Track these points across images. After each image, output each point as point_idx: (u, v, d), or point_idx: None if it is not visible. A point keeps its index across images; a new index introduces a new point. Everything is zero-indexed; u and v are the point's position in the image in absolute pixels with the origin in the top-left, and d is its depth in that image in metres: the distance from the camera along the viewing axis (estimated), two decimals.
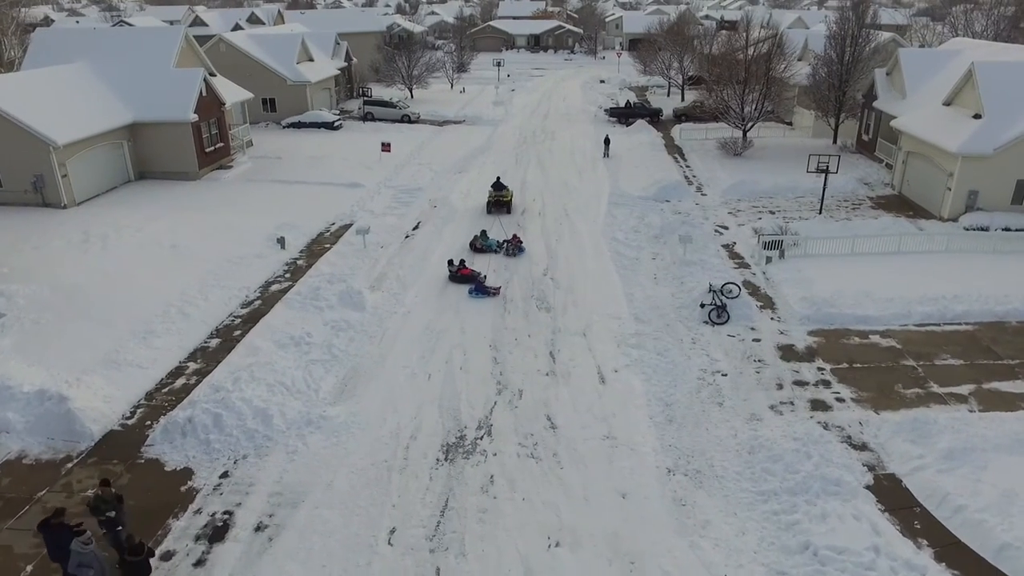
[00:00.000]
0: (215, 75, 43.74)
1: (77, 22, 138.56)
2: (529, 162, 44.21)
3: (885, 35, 50.18)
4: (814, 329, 22.62)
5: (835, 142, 46.05)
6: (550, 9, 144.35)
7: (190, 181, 38.41)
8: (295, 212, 33.25)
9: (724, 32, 73.65)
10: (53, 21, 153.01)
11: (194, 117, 37.52)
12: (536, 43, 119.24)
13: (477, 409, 18.47)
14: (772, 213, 33.95)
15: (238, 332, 22.54)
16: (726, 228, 32.10)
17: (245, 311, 24.00)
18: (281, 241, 29.02)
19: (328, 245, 29.84)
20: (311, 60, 57.09)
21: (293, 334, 21.94)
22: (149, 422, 17.97)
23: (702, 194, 37.51)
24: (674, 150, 47.52)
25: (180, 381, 19.86)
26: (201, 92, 38.45)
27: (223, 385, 18.73)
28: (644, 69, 78.10)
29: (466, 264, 26.78)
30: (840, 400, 18.88)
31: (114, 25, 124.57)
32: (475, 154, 46.37)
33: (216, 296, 24.58)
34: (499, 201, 34.39)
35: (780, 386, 19.57)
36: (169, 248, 28.36)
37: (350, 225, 32.16)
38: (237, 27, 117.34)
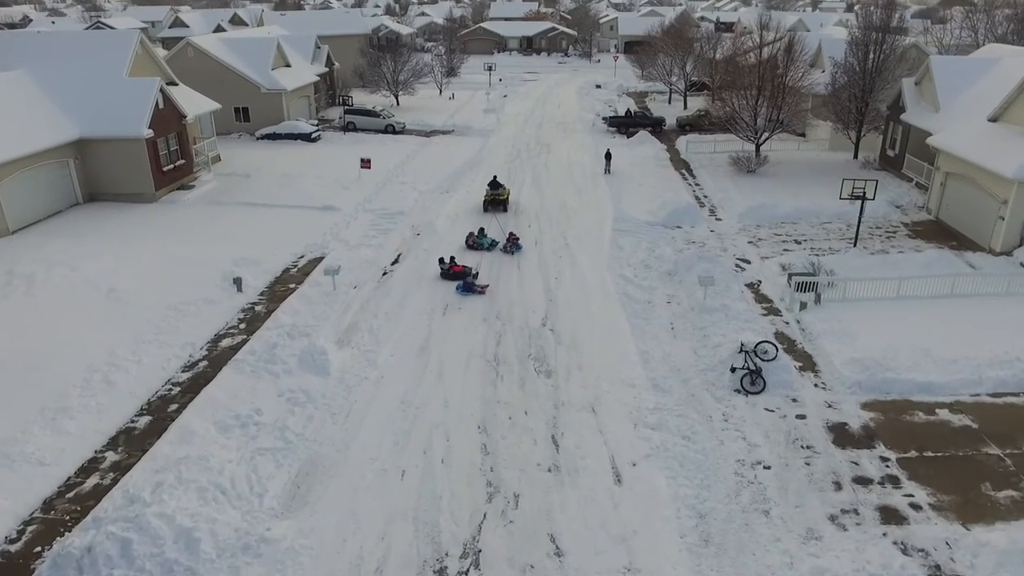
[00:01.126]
0: (176, 84, 39.70)
1: (53, 22, 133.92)
2: (523, 179, 40.33)
3: (904, 40, 46.57)
4: (868, 401, 18.82)
5: (856, 157, 42.38)
6: (543, 10, 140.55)
7: (146, 204, 34.38)
8: (259, 243, 29.31)
9: (728, 34, 70.06)
10: (31, 21, 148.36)
11: (149, 133, 33.48)
12: (529, 45, 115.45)
13: (462, 525, 14.58)
14: (798, 243, 30.18)
15: (174, 406, 18.58)
16: (748, 262, 28.30)
17: (186, 376, 20.03)
18: (238, 282, 25.04)
19: (293, 285, 25.87)
20: (288, 66, 53.07)
21: (239, 412, 18.01)
22: (40, 547, 14.00)
23: (716, 218, 33.71)
24: (681, 165, 43.73)
25: (91, 481, 15.88)
26: (157, 104, 34.40)
27: (140, 494, 14.76)
28: (643, 74, 74.45)
29: (457, 261, 26.89)
30: (916, 507, 15.08)
31: (90, 27, 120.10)
32: (464, 170, 42.46)
33: (153, 357, 20.59)
34: (496, 199, 34.36)
35: (838, 485, 15.76)
36: (105, 293, 24.33)
37: (321, 259, 28.22)
38: (219, 29, 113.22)
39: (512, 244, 29.28)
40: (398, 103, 63.08)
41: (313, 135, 48.28)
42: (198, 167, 39.30)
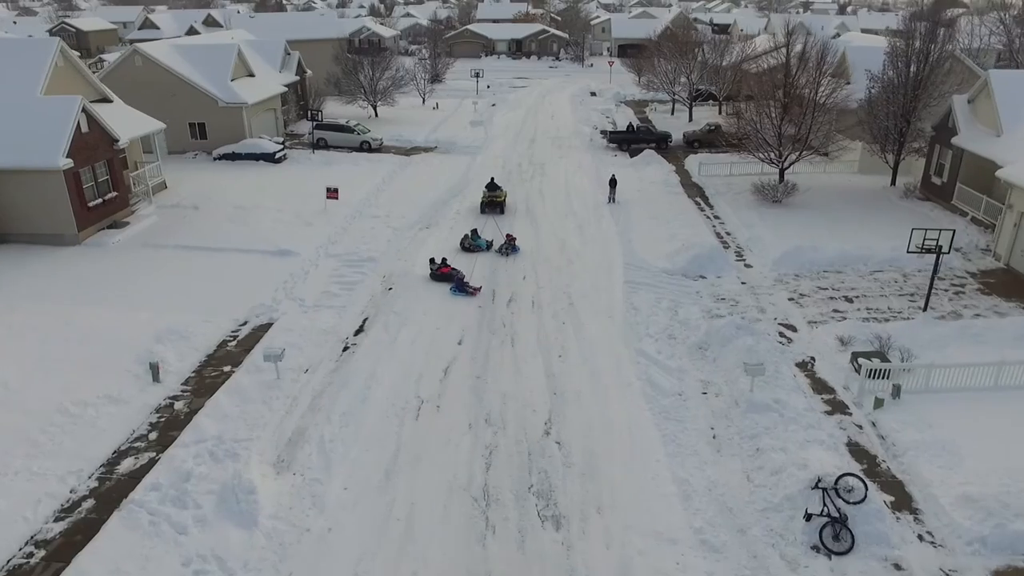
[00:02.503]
0: (110, 101, 34.06)
1: (15, 22, 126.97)
2: (515, 210, 34.97)
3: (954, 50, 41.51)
4: (1002, 569, 13.64)
5: (893, 184, 37.33)
6: (532, 11, 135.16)
7: (67, 247, 28.78)
8: (193, 304, 23.83)
9: (724, 37, 65.01)
10: None
11: (67, 163, 27.88)
12: (518, 49, 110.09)
13: None
14: (849, 301, 25.00)
15: None
16: (793, 329, 23.07)
17: (59, 529, 14.54)
18: (154, 369, 19.54)
19: (228, 369, 20.39)
20: (251, 75, 47.43)
21: None
22: None
23: (746, 264, 28.49)
24: (694, 191, 38.50)
25: None
26: (79, 128, 28.80)
27: None
28: (641, 81, 69.23)
29: (448, 262, 26.82)
30: None
31: (54, 28, 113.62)
32: (447, 198, 37.01)
33: (16, 496, 15.09)
34: (492, 202, 34.20)
35: None
36: None
37: (268, 326, 22.77)
38: (192, 31, 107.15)
39: (509, 246, 29.12)
40: (376, 114, 57.57)
41: (277, 155, 42.71)
42: (136, 199, 33.71)
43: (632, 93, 73.61)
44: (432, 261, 26.88)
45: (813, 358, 21.20)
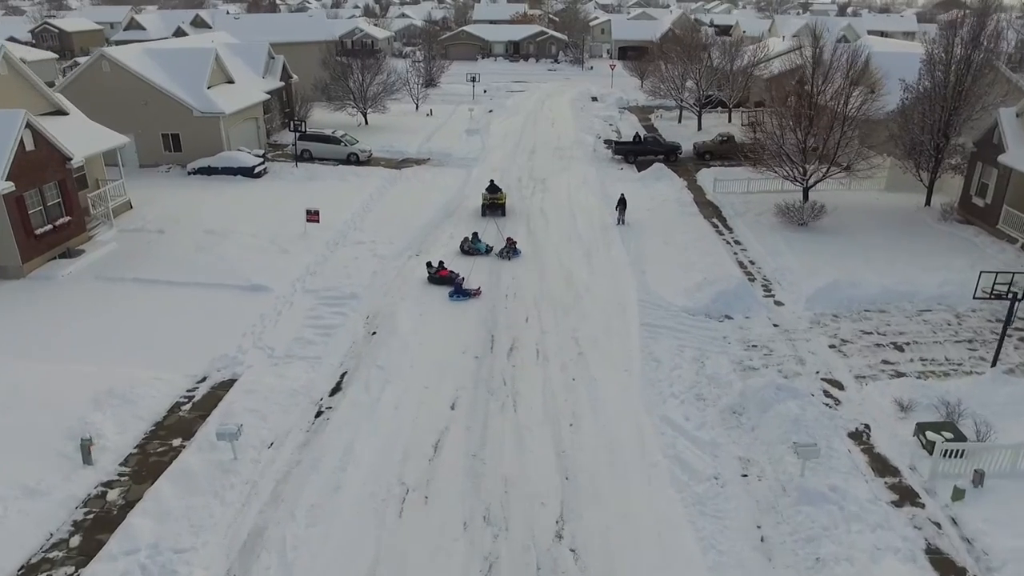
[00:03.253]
0: (65, 113, 30.76)
1: None
2: (516, 233, 31.72)
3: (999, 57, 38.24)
4: None
5: (928, 204, 34.21)
6: (530, 12, 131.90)
7: (10, 281, 25.48)
8: (145, 353, 20.61)
9: (739, 41, 61.78)
10: None
11: (7, 186, 24.57)
12: (516, 51, 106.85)
13: None
14: (900, 349, 21.84)
15: None
16: (839, 387, 19.90)
17: None
18: (85, 448, 16.27)
19: (178, 443, 17.14)
20: (230, 82, 44.10)
21: None
22: None
23: (776, 302, 25.31)
24: (710, 211, 35.31)
25: None
26: (23, 146, 25.50)
27: None
28: (643, 85, 66.15)
29: (445, 265, 26.42)
30: None
31: (37, 28, 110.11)
32: (440, 219, 33.76)
33: None
34: (494, 204, 33.84)
35: None
36: None
37: (231, 384, 19.52)
38: (180, 32, 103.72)
39: (510, 249, 28.86)
40: (367, 122, 54.29)
41: (256, 169, 39.40)
42: (95, 222, 30.40)
43: (635, 98, 70.50)
44: (429, 265, 26.57)
45: (868, 426, 18.03)
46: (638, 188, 38.68)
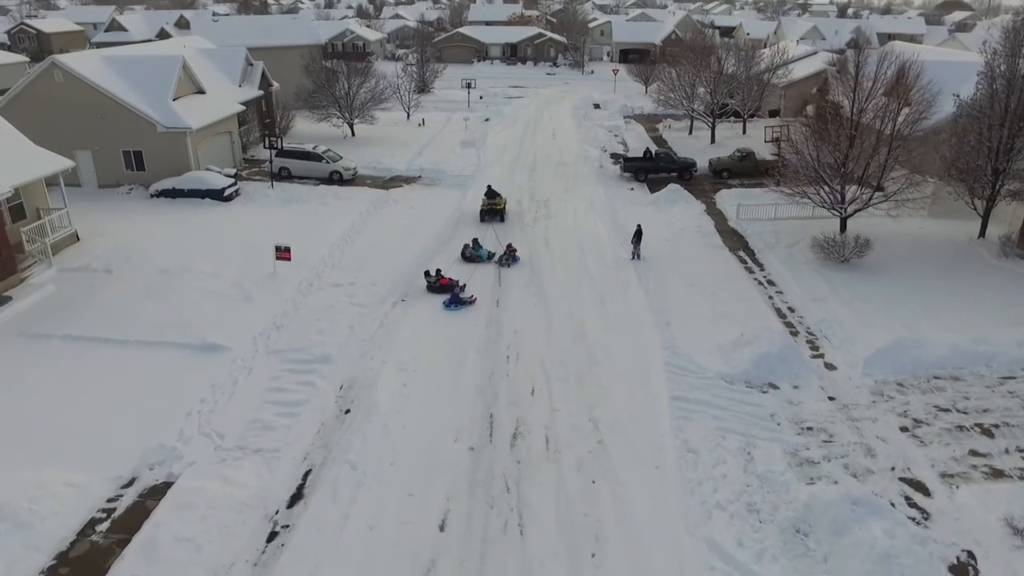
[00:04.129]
0: None
1: None
2: (515, 275, 27.77)
3: None
4: None
5: (983, 235, 30.34)
6: (527, 13, 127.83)
7: None
8: (61, 443, 16.65)
9: (756, 44, 57.85)
10: None
11: None
12: (513, 54, 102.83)
13: None
14: (989, 435, 17.90)
15: None
16: (924, 491, 15.94)
17: None
18: None
19: None
20: (200, 92, 40.01)
21: None
22: None
23: (826, 363, 21.36)
24: (735, 242, 31.37)
25: None
26: None
27: None
28: (649, 91, 62.30)
29: (444, 273, 25.85)
30: None
31: (13, 30, 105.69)
32: (432, 251, 29.71)
33: None
34: (492, 209, 33.20)
35: None
36: None
37: (165, 489, 15.51)
38: (164, 34, 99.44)
39: (509, 256, 28.37)
40: (353, 133, 50.25)
41: (227, 191, 35.34)
42: (31, 260, 26.33)
43: (640, 105, 66.60)
44: (427, 273, 25.98)
45: (972, 556, 14.11)
46: (652, 213, 34.75)
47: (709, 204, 36.56)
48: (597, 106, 68.71)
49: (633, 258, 28.96)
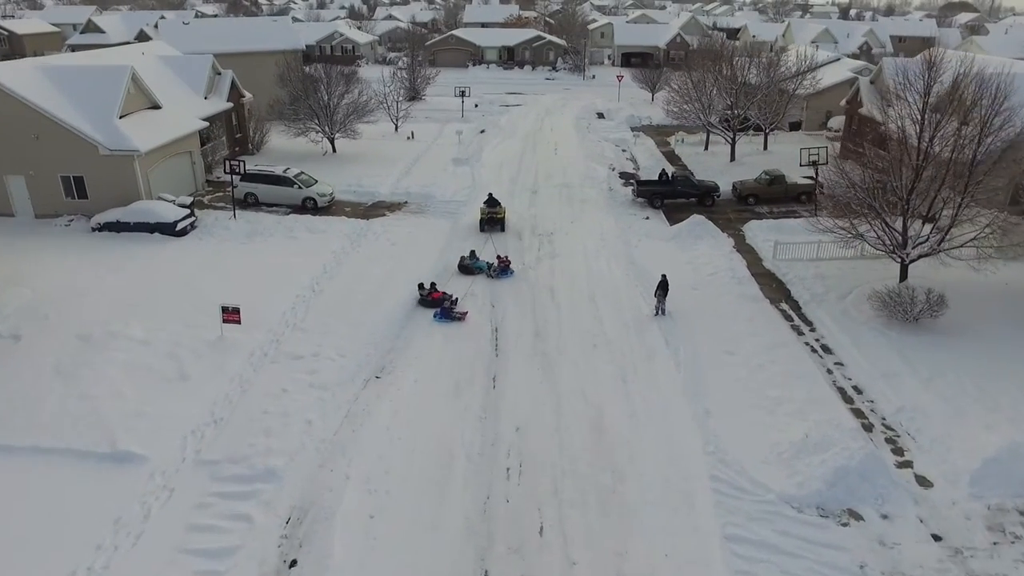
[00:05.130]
0: None
1: None
2: (513, 336, 22.94)
3: None
4: None
5: None
6: (524, 14, 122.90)
7: None
8: None
9: (780, 50, 52.93)
10: None
11: None
12: (510, 57, 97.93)
13: None
14: None
15: None
16: None
17: None
18: None
19: None
20: (155, 107, 35.12)
21: None
22: None
23: (919, 477, 16.54)
24: (775, 290, 26.54)
25: None
26: None
27: None
28: (656, 99, 57.55)
29: (438, 287, 24.83)
30: None
31: None
32: (413, 307, 24.86)
33: None
34: (492, 218, 32.07)
35: None
36: None
37: None
38: (143, 36, 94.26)
39: (502, 268, 27.46)
40: (334, 149, 45.34)
41: (180, 224, 30.44)
42: None
43: (648, 115, 61.83)
44: (421, 286, 24.96)
45: None
46: (673, 250, 29.99)
47: (737, 238, 31.76)
48: (601, 115, 63.90)
49: (657, 314, 24.17)
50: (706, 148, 48.49)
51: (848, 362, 21.38)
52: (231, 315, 21.45)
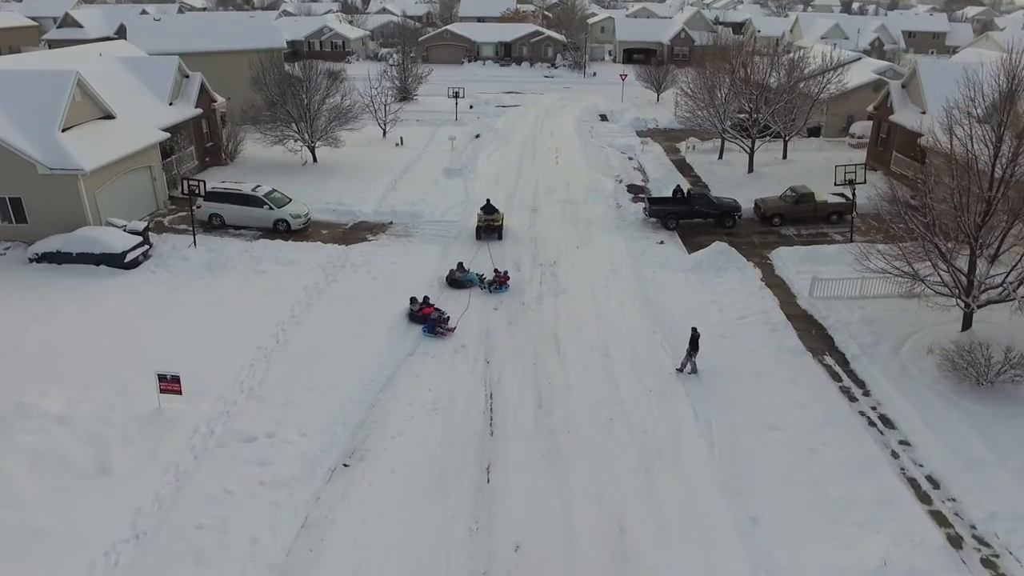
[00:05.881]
0: None
1: None
2: (512, 406, 19.19)
3: None
4: None
5: None
6: (521, 8, 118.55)
7: None
8: None
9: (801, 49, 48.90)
10: None
11: None
12: (507, 53, 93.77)
13: None
14: None
15: None
16: None
17: None
18: None
19: None
20: (107, 117, 31.22)
21: None
22: None
23: None
24: (816, 338, 22.76)
25: None
26: None
27: None
28: (661, 99, 53.69)
29: (431, 302, 23.36)
30: None
31: None
32: (401, 360, 21.08)
33: None
34: (490, 226, 30.46)
35: None
36: None
37: None
38: (123, 31, 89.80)
39: (499, 284, 25.64)
40: (315, 159, 41.42)
41: (129, 255, 26.58)
42: None
43: (654, 118, 58.00)
44: (413, 300, 23.54)
45: None
46: (695, 285, 26.25)
47: (765, 268, 28.00)
48: (604, 118, 59.96)
49: (683, 371, 20.44)
50: (720, 157, 44.61)
51: (916, 441, 17.64)
52: (170, 384, 17.64)
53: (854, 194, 29.80)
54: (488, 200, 31.83)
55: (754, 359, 21.30)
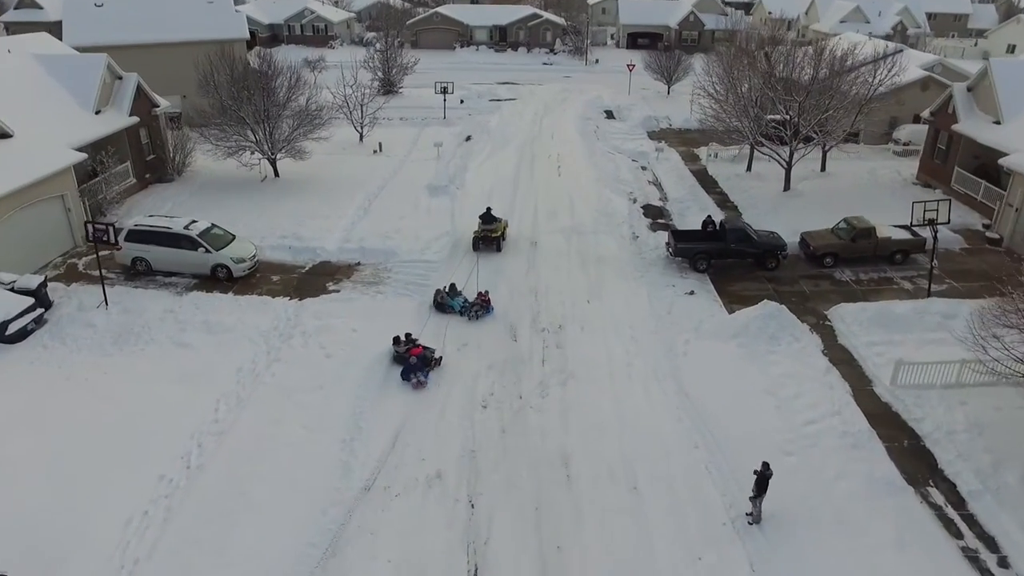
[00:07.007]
0: None
1: None
2: (511, 550, 13.48)
3: None
4: None
5: None
6: None
7: None
8: None
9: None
10: None
11: None
12: (502, 38, 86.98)
13: None
14: None
15: None
16: None
17: None
18: None
19: None
20: (4, 136, 25.05)
21: None
22: None
23: None
24: (910, 456, 16.96)
25: None
26: None
27: None
28: (672, 92, 47.40)
29: (418, 342, 20.31)
30: None
31: None
32: (348, 511, 15.33)
33: None
34: (488, 236, 27.88)
35: None
36: None
37: None
38: None
39: (480, 307, 22.91)
40: (276, 173, 35.32)
41: (12, 326, 20.62)
42: None
43: (666, 115, 51.93)
44: (397, 340, 20.30)
45: None
46: (741, 363, 20.43)
47: (824, 332, 22.18)
48: (610, 115, 53.84)
49: (751, 521, 14.72)
50: (749, 168, 38.49)
51: None
52: None
53: (935, 238, 23.83)
54: (488, 208, 28.77)
55: (836, 496, 15.54)
